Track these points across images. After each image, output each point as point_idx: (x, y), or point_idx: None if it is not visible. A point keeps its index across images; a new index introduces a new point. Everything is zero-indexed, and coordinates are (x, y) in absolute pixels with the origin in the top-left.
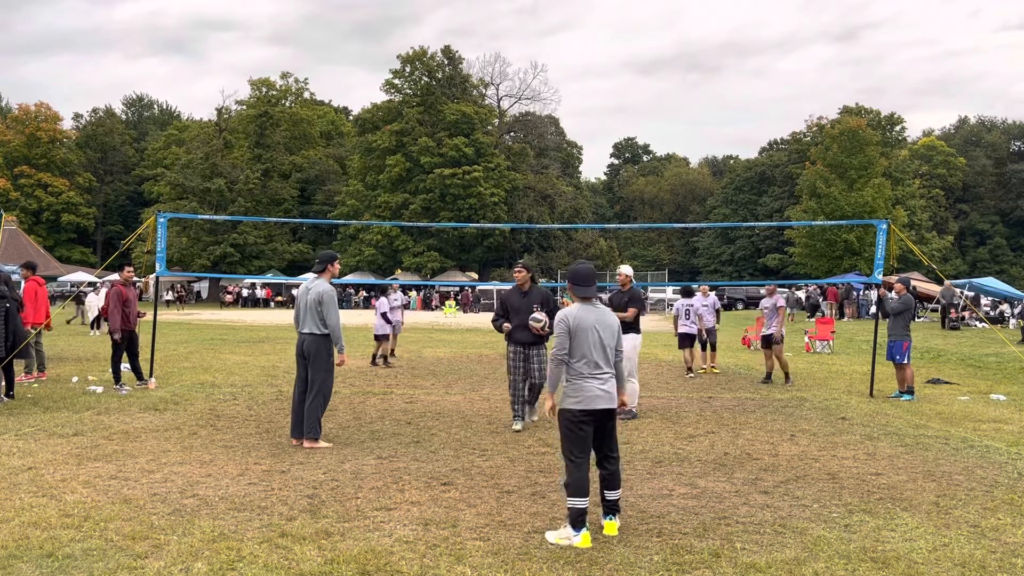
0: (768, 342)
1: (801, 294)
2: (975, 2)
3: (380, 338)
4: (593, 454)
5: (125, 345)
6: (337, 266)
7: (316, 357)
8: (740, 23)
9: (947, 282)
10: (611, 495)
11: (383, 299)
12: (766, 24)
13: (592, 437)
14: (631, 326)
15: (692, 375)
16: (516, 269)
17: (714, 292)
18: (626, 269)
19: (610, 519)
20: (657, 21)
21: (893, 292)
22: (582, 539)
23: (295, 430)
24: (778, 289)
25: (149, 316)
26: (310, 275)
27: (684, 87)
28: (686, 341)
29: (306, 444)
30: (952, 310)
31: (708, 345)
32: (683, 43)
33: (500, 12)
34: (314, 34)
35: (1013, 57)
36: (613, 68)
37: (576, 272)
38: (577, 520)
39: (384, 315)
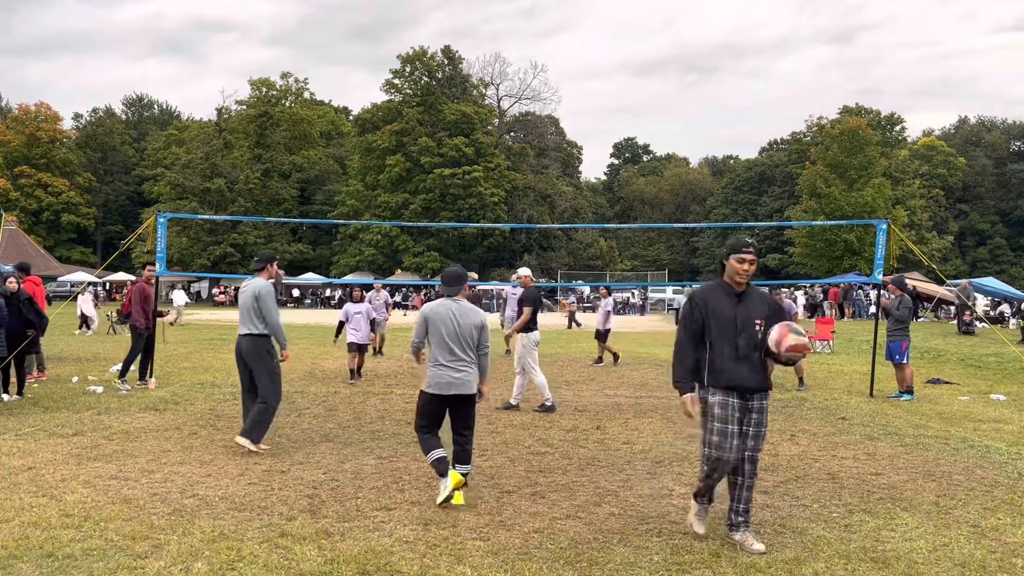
0: None
1: (800, 294)
2: (969, 5)
3: (350, 347)
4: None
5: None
6: (275, 267)
7: (256, 359)
8: (736, 25)
9: (963, 282)
10: (461, 469)
11: (348, 304)
12: (762, 26)
13: (444, 416)
14: (527, 325)
15: (600, 364)
16: (746, 251)
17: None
18: (523, 271)
19: (457, 492)
20: (654, 23)
21: (891, 295)
22: (452, 481)
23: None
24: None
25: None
26: (251, 277)
27: (682, 88)
28: (604, 336)
29: (238, 439)
30: (967, 312)
31: None
32: (680, 44)
33: (498, 14)
34: (313, 36)
35: (1008, 59)
36: (611, 69)
37: (443, 274)
38: (440, 469)
39: (341, 322)
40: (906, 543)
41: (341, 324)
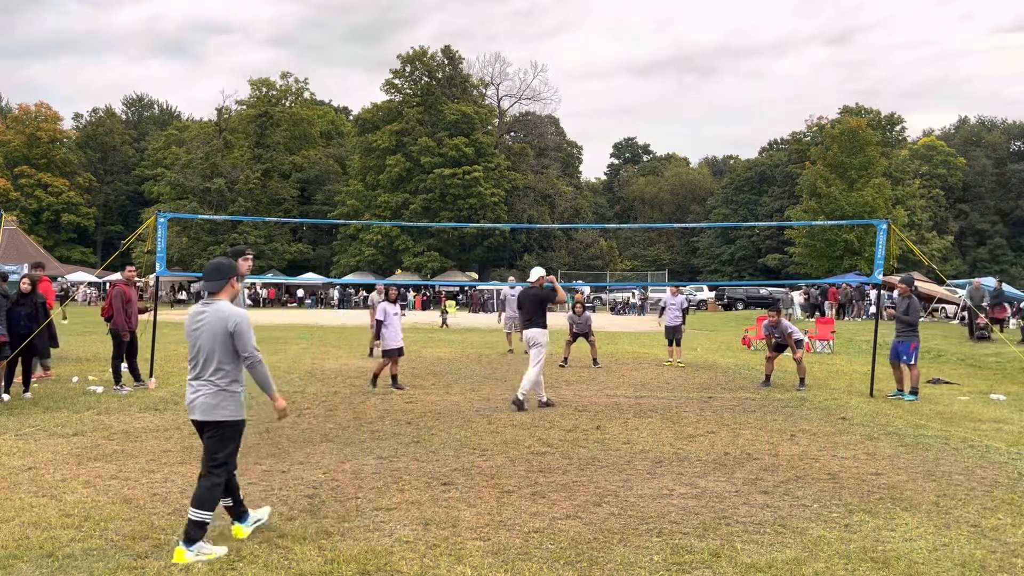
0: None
1: (798, 294)
2: (966, 5)
3: (389, 353)
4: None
5: (127, 345)
6: (250, 261)
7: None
8: (734, 26)
9: (975, 282)
10: (193, 515)
11: (385, 304)
12: (760, 27)
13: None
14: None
15: (563, 365)
16: None
17: (687, 292)
18: (536, 271)
19: (179, 546)
20: (652, 24)
21: (896, 293)
22: (234, 531)
23: None
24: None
25: (149, 316)
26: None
27: (681, 88)
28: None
29: None
30: (980, 316)
31: (675, 341)
32: (678, 46)
33: (497, 15)
34: (312, 37)
35: (1006, 60)
36: (611, 70)
37: (206, 267)
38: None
39: (379, 322)
40: (906, 543)
41: (379, 324)
